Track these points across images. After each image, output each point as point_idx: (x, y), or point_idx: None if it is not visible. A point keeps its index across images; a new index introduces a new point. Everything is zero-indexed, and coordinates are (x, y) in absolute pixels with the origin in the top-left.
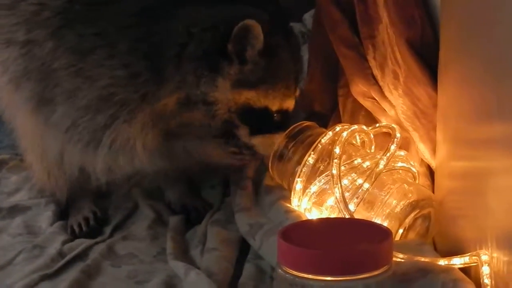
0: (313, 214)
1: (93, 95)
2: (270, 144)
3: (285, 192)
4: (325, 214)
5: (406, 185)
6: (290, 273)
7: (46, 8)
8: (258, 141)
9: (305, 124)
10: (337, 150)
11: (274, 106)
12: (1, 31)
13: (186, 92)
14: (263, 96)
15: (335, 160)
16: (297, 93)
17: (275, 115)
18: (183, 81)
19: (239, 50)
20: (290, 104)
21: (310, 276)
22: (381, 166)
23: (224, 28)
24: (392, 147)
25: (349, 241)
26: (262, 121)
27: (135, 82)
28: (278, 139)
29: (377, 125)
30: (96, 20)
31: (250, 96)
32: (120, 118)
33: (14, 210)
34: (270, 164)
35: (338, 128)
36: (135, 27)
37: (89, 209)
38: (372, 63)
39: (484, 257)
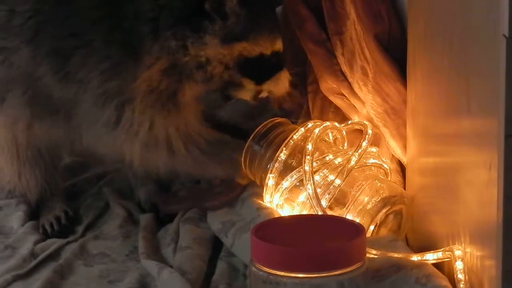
0: (285, 210)
1: (92, 95)
2: (282, 82)
3: (257, 189)
4: (296, 210)
5: (377, 182)
6: (264, 271)
7: (15, 14)
8: (268, 86)
9: (277, 121)
10: (309, 146)
11: (267, 50)
12: None
13: (169, 60)
14: (254, 44)
15: (308, 157)
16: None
17: (272, 59)
18: (162, 50)
19: (218, 6)
20: (279, 43)
21: (283, 273)
22: (352, 163)
23: None
24: (364, 144)
25: (322, 238)
26: (262, 68)
27: (121, 70)
28: (285, 75)
29: (350, 122)
30: (67, 19)
31: (242, 48)
32: (127, 110)
33: None
34: (242, 160)
35: (310, 125)
36: (105, 18)
37: (61, 209)
38: (341, 59)
39: (458, 252)
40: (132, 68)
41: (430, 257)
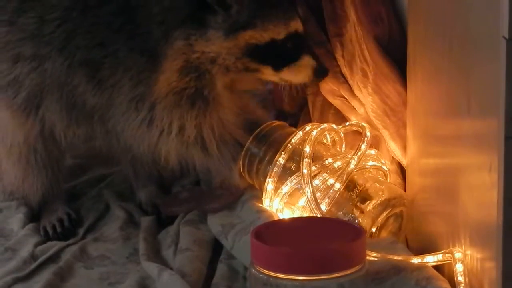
0: (285, 214)
1: (125, 99)
2: (300, 71)
3: (256, 192)
4: (297, 214)
5: (377, 184)
6: (264, 273)
7: (45, 22)
8: (286, 74)
9: (275, 124)
10: (307, 149)
11: (280, 34)
12: (7, 47)
13: (183, 60)
14: (262, 31)
15: (306, 159)
16: (300, 12)
17: (287, 43)
18: (174, 51)
19: None
20: (296, 25)
21: (283, 276)
22: (352, 166)
23: None
24: (363, 147)
25: (322, 240)
26: (278, 54)
27: (146, 76)
28: (308, 61)
29: (347, 123)
30: (93, 27)
31: (248, 37)
32: (158, 111)
33: None
34: (241, 164)
35: (308, 128)
36: (124, 25)
37: (63, 211)
38: (341, 61)
39: (458, 255)
40: (155, 73)
41: (430, 259)
